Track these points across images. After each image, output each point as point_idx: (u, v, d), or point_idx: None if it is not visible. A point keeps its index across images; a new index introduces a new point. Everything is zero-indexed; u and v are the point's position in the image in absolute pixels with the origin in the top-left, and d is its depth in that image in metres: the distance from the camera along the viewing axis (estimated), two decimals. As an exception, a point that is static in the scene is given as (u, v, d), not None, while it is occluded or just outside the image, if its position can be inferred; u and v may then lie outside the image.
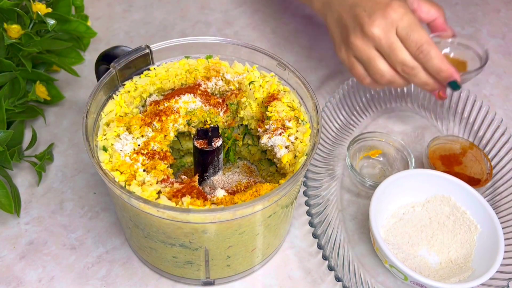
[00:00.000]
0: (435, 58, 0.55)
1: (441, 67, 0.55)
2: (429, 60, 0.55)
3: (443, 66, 0.55)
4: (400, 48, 0.56)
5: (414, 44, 0.55)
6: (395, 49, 0.56)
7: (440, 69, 0.55)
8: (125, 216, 0.47)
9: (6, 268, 0.53)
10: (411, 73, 0.57)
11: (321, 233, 0.55)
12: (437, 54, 0.55)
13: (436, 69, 0.55)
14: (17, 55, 0.61)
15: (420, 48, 0.55)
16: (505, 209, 0.58)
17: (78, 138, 0.65)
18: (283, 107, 0.50)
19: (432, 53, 0.55)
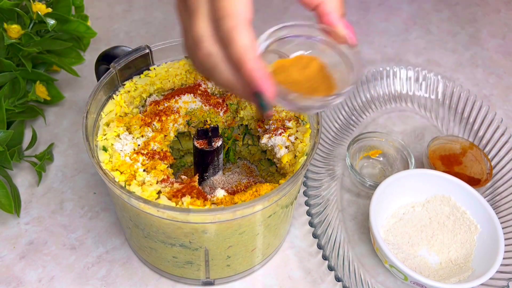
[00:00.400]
0: (238, 47, 0.35)
1: (244, 62, 0.35)
2: (230, 45, 0.36)
3: (247, 62, 0.35)
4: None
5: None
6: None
7: (241, 63, 0.35)
8: (125, 216, 0.47)
9: (6, 268, 0.53)
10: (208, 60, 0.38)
11: (321, 233, 0.55)
12: (247, 44, 0.35)
13: (237, 60, 0.36)
14: (17, 55, 0.61)
15: (223, 25, 0.36)
16: (505, 209, 0.58)
17: (78, 138, 0.65)
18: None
19: (238, 38, 0.35)
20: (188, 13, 0.38)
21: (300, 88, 0.39)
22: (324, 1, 0.39)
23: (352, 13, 0.87)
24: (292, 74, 0.40)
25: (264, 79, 0.35)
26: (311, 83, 0.40)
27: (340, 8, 0.40)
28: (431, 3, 0.90)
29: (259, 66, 0.35)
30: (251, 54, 0.35)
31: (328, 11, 0.39)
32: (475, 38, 0.84)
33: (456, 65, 0.79)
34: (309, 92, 0.39)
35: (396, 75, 0.72)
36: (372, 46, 0.81)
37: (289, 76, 0.40)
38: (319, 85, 0.40)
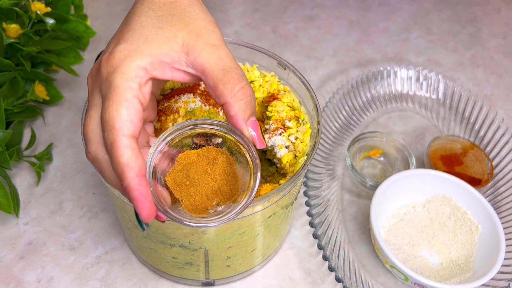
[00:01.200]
0: (116, 163, 0.34)
1: (122, 179, 0.34)
2: (111, 160, 0.35)
3: (124, 180, 0.34)
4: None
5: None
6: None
7: (120, 180, 0.34)
8: (124, 216, 0.47)
9: (5, 269, 0.53)
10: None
11: (321, 234, 0.54)
12: (123, 162, 0.34)
13: (117, 175, 0.35)
14: (16, 54, 0.61)
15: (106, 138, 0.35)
16: (506, 209, 0.58)
17: (77, 138, 0.65)
18: (283, 107, 0.50)
19: (117, 155, 0.34)
20: (88, 105, 0.38)
21: (197, 191, 0.38)
22: (229, 103, 0.36)
23: (352, 12, 0.87)
24: (193, 172, 0.38)
25: (140, 202, 0.34)
26: (212, 184, 0.38)
27: (246, 109, 0.37)
28: (431, 2, 0.90)
29: (136, 186, 0.34)
30: (129, 173, 0.33)
31: (232, 114, 0.37)
32: (475, 38, 0.84)
33: (456, 64, 0.79)
34: (208, 195, 0.38)
35: (397, 75, 0.72)
36: (373, 46, 0.81)
37: (188, 174, 0.38)
38: (221, 186, 0.38)
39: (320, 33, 0.83)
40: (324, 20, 0.85)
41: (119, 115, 0.34)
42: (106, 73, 0.35)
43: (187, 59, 0.37)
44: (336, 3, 0.88)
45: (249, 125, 0.37)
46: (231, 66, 0.37)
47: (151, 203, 0.34)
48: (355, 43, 0.81)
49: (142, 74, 0.35)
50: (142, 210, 0.34)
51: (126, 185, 0.34)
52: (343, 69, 0.77)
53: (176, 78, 0.38)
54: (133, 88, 0.35)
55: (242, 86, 0.37)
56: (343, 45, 0.81)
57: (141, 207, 0.34)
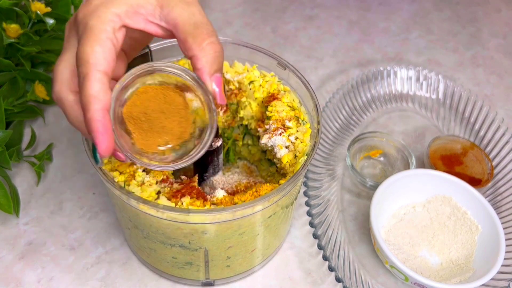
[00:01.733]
0: (85, 95, 0.35)
1: (87, 110, 0.35)
2: (81, 91, 0.36)
3: (88, 111, 0.35)
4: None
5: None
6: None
7: (85, 111, 0.35)
8: (124, 216, 0.47)
9: (5, 269, 0.53)
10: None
11: (321, 234, 0.54)
12: (93, 94, 0.35)
13: (83, 106, 0.36)
14: (16, 54, 0.61)
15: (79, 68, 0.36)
16: (506, 209, 0.58)
17: (78, 138, 0.65)
18: (283, 107, 0.50)
19: (87, 86, 0.35)
20: (63, 49, 0.39)
21: (150, 127, 0.39)
22: (196, 56, 0.38)
23: (352, 12, 0.87)
24: (149, 108, 0.39)
25: (100, 133, 0.35)
26: (165, 123, 0.39)
27: (213, 64, 0.38)
28: (431, 2, 0.90)
29: (99, 118, 0.35)
30: (96, 105, 0.35)
31: (199, 67, 0.38)
32: (476, 38, 0.84)
33: (457, 64, 0.79)
34: (159, 133, 0.39)
35: (397, 75, 0.72)
36: (373, 46, 0.81)
37: (146, 111, 0.39)
38: (173, 127, 0.39)
39: (320, 33, 0.83)
40: (324, 20, 0.85)
41: (93, 51, 0.35)
42: (83, 17, 0.37)
43: (161, 12, 0.38)
44: (336, 3, 0.88)
45: (213, 80, 0.39)
46: (202, 21, 0.38)
47: (111, 138, 0.36)
48: (355, 43, 0.81)
49: (116, 20, 0.37)
50: (102, 142, 0.35)
51: (89, 116, 0.35)
52: (343, 69, 0.77)
53: (149, 30, 0.39)
54: (108, 31, 0.36)
55: (211, 41, 0.38)
56: (343, 45, 0.81)
57: (101, 139, 0.35)
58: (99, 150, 0.35)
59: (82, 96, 0.35)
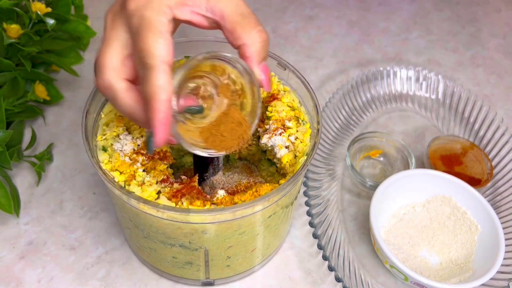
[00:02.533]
0: (152, 85, 0.36)
1: (153, 100, 0.36)
2: (146, 81, 0.37)
3: (155, 102, 0.36)
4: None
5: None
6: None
7: (151, 100, 0.36)
8: (124, 216, 0.47)
9: (6, 269, 0.53)
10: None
11: (321, 234, 0.54)
12: (161, 84, 0.36)
13: (148, 96, 0.36)
14: (17, 55, 0.61)
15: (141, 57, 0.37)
16: (505, 209, 0.58)
17: (78, 138, 0.65)
18: (283, 107, 0.50)
19: (155, 77, 0.36)
20: (103, 37, 0.40)
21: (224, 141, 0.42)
22: (246, 44, 0.40)
23: (352, 12, 0.87)
24: (222, 128, 0.42)
25: (161, 124, 0.36)
26: (222, 130, 0.42)
27: (261, 52, 0.40)
28: (431, 2, 0.90)
29: (163, 109, 0.36)
30: (162, 95, 0.36)
31: (248, 55, 0.40)
32: (475, 38, 0.84)
33: (456, 64, 0.79)
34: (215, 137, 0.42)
35: (397, 75, 0.72)
36: (373, 46, 0.81)
37: (220, 129, 0.42)
38: (228, 135, 0.42)
39: (320, 33, 0.83)
40: (324, 20, 0.85)
41: (157, 44, 0.36)
42: (135, 8, 0.38)
43: (207, 3, 0.39)
44: (336, 3, 0.88)
45: (260, 68, 0.41)
46: (248, 11, 0.40)
47: (169, 130, 0.37)
48: (355, 43, 0.81)
49: (168, 11, 0.38)
50: (161, 132, 0.37)
51: (155, 106, 0.36)
52: (343, 69, 0.77)
53: (195, 21, 0.40)
54: (164, 23, 0.37)
55: (259, 29, 0.40)
56: (343, 45, 0.81)
57: (161, 130, 0.36)
58: (156, 139, 0.37)
59: (148, 86, 0.36)
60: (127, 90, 0.39)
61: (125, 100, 0.39)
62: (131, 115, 0.40)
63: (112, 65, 0.39)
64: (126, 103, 0.39)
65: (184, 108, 0.41)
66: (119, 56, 0.39)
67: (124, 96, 0.39)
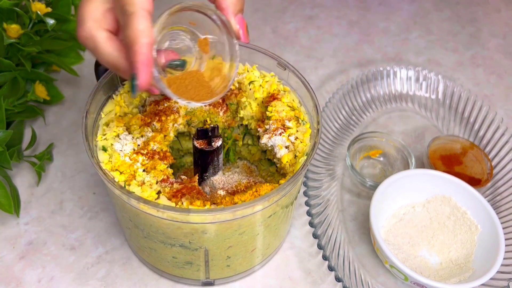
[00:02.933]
0: (134, 30, 0.37)
1: (135, 43, 0.37)
2: (127, 27, 0.37)
3: (136, 44, 0.37)
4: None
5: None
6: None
7: (132, 44, 0.37)
8: (124, 216, 0.47)
9: (6, 268, 0.53)
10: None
11: (321, 234, 0.54)
12: (142, 29, 0.37)
13: (130, 41, 0.37)
14: (17, 55, 0.61)
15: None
16: (505, 209, 0.58)
17: (78, 138, 0.65)
18: (283, 107, 0.50)
19: (136, 23, 0.37)
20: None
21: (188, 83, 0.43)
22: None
23: (352, 12, 0.87)
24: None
25: (143, 65, 0.37)
26: (201, 80, 0.43)
27: (237, 4, 0.42)
28: (431, 2, 0.90)
29: (144, 51, 0.37)
30: (143, 38, 0.37)
31: (224, 6, 0.41)
32: (475, 38, 0.84)
33: (456, 64, 0.79)
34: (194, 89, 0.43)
35: (397, 75, 0.72)
36: (373, 46, 0.81)
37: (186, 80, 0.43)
38: (206, 84, 0.44)
39: (320, 33, 0.83)
40: (324, 20, 0.85)
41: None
42: None
43: None
44: (336, 3, 0.88)
45: (236, 20, 0.42)
46: None
47: (151, 72, 0.38)
48: (355, 43, 0.81)
49: None
50: (143, 73, 0.37)
51: (136, 49, 0.37)
52: (343, 69, 0.77)
53: None
54: None
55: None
56: (343, 45, 0.81)
57: (144, 70, 0.37)
58: (139, 80, 0.37)
59: (129, 31, 0.37)
60: (108, 39, 0.39)
61: (107, 49, 0.39)
62: (112, 64, 0.40)
63: (93, 16, 0.39)
64: (107, 51, 0.39)
65: (167, 62, 0.41)
66: (100, 8, 0.40)
67: (106, 45, 0.39)
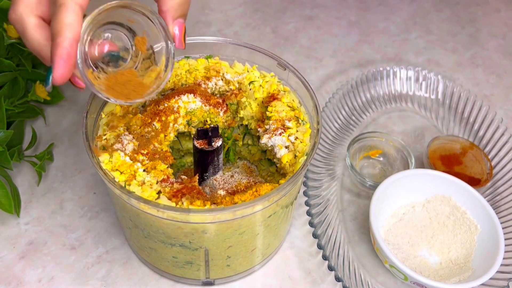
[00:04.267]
0: (60, 22, 0.36)
1: (58, 36, 0.36)
2: (55, 18, 0.36)
3: (59, 37, 0.36)
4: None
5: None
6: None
7: (55, 37, 0.36)
8: (125, 216, 0.47)
9: (6, 268, 0.53)
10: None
11: (321, 233, 0.55)
12: (68, 22, 0.36)
13: (54, 33, 0.36)
14: (17, 55, 0.61)
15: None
16: (505, 209, 0.58)
17: (78, 138, 0.65)
18: (283, 107, 0.50)
19: (63, 15, 0.36)
20: None
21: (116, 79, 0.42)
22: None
23: (352, 13, 0.87)
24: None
25: (60, 59, 0.36)
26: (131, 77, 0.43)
27: (178, 9, 0.41)
28: (431, 2, 0.90)
29: (66, 46, 0.36)
30: (68, 32, 0.36)
31: (164, 9, 0.40)
32: (475, 38, 0.84)
33: (456, 65, 0.79)
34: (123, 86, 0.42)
35: (396, 75, 0.72)
36: (372, 46, 0.81)
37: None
38: (137, 80, 0.43)
39: (320, 33, 0.83)
40: (324, 20, 0.85)
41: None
42: None
43: None
44: (336, 3, 0.89)
45: (176, 24, 0.41)
46: None
47: (70, 68, 0.37)
48: (355, 43, 0.82)
49: None
50: (59, 68, 0.36)
51: (58, 41, 0.36)
52: (342, 69, 0.77)
53: None
54: None
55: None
56: (343, 45, 0.81)
57: (60, 65, 0.36)
58: (54, 74, 0.36)
59: (55, 22, 0.36)
60: (37, 27, 0.39)
61: (34, 36, 0.38)
62: (38, 52, 0.39)
63: (26, 0, 0.38)
64: (34, 38, 0.39)
65: (102, 54, 0.41)
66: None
67: (34, 32, 0.38)
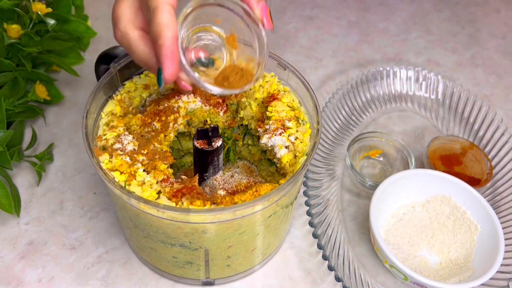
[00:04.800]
0: (157, 24, 0.38)
1: (159, 37, 0.38)
2: (151, 22, 0.39)
3: (160, 38, 0.38)
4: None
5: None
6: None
7: (156, 39, 0.38)
8: (125, 216, 0.47)
9: (6, 268, 0.53)
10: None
11: (321, 233, 0.55)
12: (165, 22, 0.38)
13: (154, 35, 0.39)
14: (17, 55, 0.61)
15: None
16: (505, 209, 0.58)
17: (78, 138, 0.65)
18: (283, 107, 0.50)
19: (159, 16, 0.38)
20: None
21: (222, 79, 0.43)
22: None
23: (352, 13, 0.87)
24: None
25: (167, 58, 0.38)
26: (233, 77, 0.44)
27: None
28: (431, 2, 0.90)
29: (169, 44, 0.38)
30: (167, 32, 0.38)
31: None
32: (475, 38, 0.84)
33: (456, 65, 0.79)
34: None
35: (396, 75, 0.72)
36: (372, 46, 0.81)
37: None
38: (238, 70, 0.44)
39: (319, 33, 0.83)
40: (324, 20, 0.85)
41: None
42: None
43: None
44: (336, 3, 0.89)
45: (259, 7, 0.42)
46: None
47: (177, 65, 0.39)
48: (355, 43, 0.82)
49: None
50: (168, 66, 0.38)
51: (161, 42, 0.38)
52: (342, 69, 0.77)
53: None
54: None
55: None
56: (343, 45, 0.81)
57: (168, 64, 0.38)
58: (164, 74, 0.39)
59: (153, 26, 0.38)
60: (140, 38, 0.41)
61: (139, 46, 0.41)
62: (145, 62, 0.42)
63: (126, 16, 0.42)
64: (140, 49, 0.41)
65: (195, 60, 0.43)
66: (132, 8, 0.42)
67: (138, 43, 0.41)
